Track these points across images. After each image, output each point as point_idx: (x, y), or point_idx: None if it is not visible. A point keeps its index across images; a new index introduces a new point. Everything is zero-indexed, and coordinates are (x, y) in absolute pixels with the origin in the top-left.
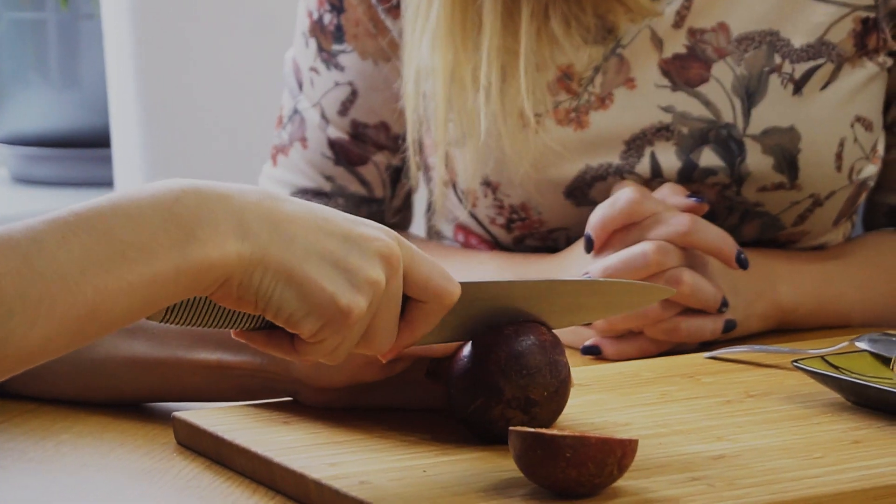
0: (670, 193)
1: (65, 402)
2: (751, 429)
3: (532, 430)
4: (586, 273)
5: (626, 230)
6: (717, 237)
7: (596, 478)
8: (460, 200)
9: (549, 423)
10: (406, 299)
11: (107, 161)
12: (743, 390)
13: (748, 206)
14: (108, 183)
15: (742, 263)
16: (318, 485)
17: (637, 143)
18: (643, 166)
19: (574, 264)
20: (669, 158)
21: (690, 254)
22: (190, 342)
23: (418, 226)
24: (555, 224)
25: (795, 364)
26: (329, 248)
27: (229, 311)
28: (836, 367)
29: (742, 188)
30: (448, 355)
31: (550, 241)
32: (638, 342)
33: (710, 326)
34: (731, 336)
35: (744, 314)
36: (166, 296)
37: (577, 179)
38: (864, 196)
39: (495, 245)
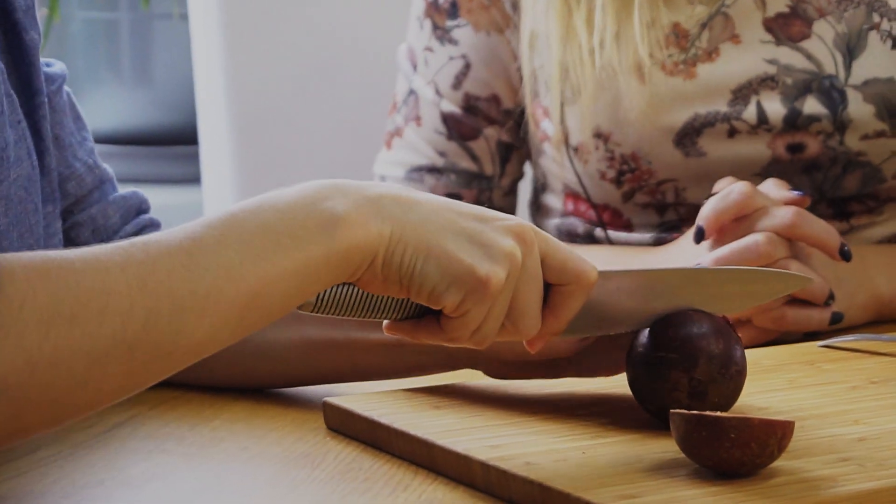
0: (774, 187)
1: (210, 389)
2: (883, 413)
3: (696, 412)
4: (698, 263)
5: (735, 222)
6: (822, 230)
7: (758, 458)
8: (571, 162)
9: None
10: (547, 287)
11: (181, 158)
12: (865, 377)
13: (851, 157)
14: (187, 180)
15: (845, 255)
16: (485, 466)
17: (743, 91)
18: (749, 114)
19: (681, 256)
20: (775, 106)
21: (796, 246)
22: (363, 323)
23: (522, 217)
24: (664, 175)
25: None
26: (462, 226)
27: (374, 299)
28: None
29: (845, 136)
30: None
31: (659, 195)
32: (746, 330)
33: (816, 317)
34: (835, 328)
35: (846, 305)
36: (318, 281)
37: (686, 126)
38: None
39: (604, 209)
